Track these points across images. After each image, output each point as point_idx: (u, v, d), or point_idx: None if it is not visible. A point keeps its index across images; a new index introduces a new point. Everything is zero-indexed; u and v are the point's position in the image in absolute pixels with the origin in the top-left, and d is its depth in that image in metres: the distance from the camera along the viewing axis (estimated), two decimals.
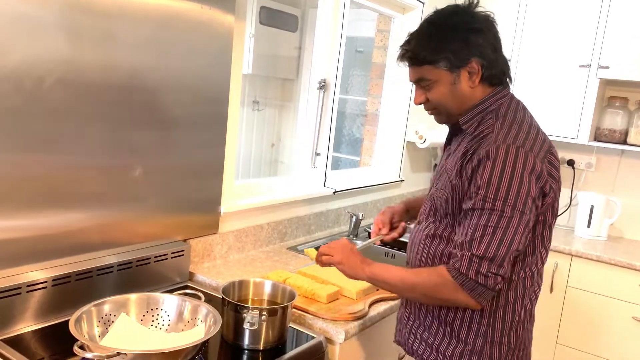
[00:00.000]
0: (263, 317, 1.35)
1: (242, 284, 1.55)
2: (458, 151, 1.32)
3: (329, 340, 1.54)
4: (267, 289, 1.55)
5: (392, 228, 1.63)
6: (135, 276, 1.63)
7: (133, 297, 1.32)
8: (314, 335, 1.51)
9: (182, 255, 1.77)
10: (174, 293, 1.37)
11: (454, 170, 1.30)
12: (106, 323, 1.26)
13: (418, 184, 3.27)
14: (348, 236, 2.48)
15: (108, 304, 1.27)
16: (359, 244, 1.61)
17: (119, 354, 1.05)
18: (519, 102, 1.35)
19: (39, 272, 1.40)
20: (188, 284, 1.79)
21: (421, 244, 1.38)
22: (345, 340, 1.54)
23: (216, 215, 1.92)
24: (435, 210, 1.37)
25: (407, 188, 3.14)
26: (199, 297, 1.36)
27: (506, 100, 1.32)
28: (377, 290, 1.79)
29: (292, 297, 1.48)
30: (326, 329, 1.56)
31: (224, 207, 1.94)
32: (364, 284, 1.74)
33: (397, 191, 3.05)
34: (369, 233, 1.72)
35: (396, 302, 1.78)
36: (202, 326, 1.28)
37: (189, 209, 1.81)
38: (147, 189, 1.65)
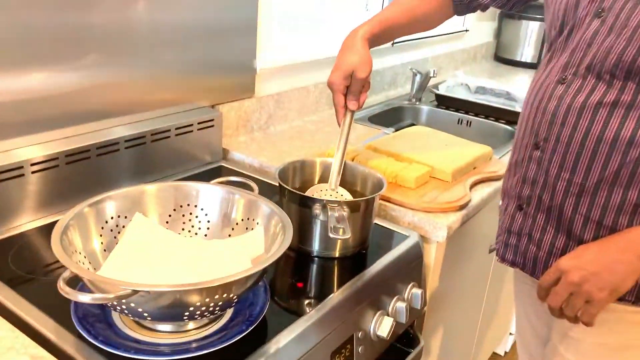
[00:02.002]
0: (344, 214, 0.91)
1: (304, 167, 1.09)
2: None
3: (423, 239, 1.12)
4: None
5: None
6: (151, 156, 1.18)
7: (151, 188, 0.87)
8: (405, 234, 1.08)
9: (212, 126, 1.31)
10: (214, 181, 0.93)
11: None
12: (112, 231, 0.83)
13: (483, 35, 2.70)
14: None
15: (113, 201, 0.83)
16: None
17: (135, 292, 0.62)
18: None
19: (16, 152, 0.96)
20: (223, 164, 1.34)
21: (588, 121, 0.87)
22: (446, 238, 1.12)
23: (251, 73, 1.43)
24: (604, 66, 0.85)
25: (471, 40, 2.58)
26: (249, 188, 0.92)
27: None
28: (475, 167, 1.34)
29: (378, 185, 1.03)
30: (419, 224, 1.13)
31: (261, 63, 1.45)
32: (460, 161, 1.29)
33: (459, 44, 2.51)
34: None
35: (499, 183, 1.33)
36: (260, 231, 0.84)
37: (217, 67, 1.31)
38: (162, 42, 1.15)
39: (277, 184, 0.99)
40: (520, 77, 2.55)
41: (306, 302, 0.88)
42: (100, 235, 0.81)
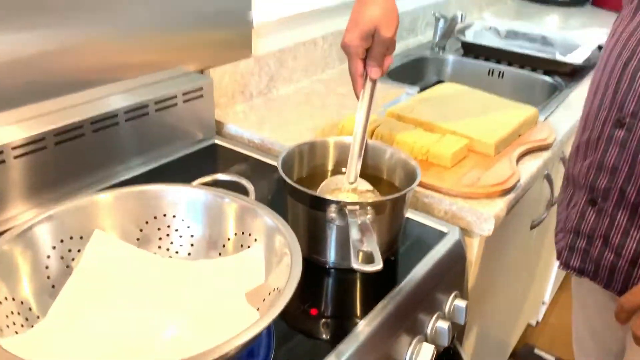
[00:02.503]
0: (367, 220, 0.70)
1: (314, 149, 0.87)
2: None
3: (465, 233, 0.91)
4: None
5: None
6: (124, 139, 0.96)
7: (105, 198, 0.66)
8: (443, 229, 0.87)
9: (201, 96, 1.08)
10: (196, 182, 0.71)
11: None
12: (64, 258, 0.62)
13: None
14: (434, 47, 1.73)
15: (49, 226, 0.61)
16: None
17: None
18: None
19: None
20: (216, 142, 1.12)
21: None
22: (493, 230, 0.91)
23: (247, 28, 1.19)
24: None
25: None
26: (243, 190, 0.70)
27: None
28: (520, 135, 1.11)
29: (409, 173, 0.80)
30: (459, 214, 0.91)
31: (258, 15, 1.20)
32: (503, 128, 1.06)
33: None
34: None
35: (548, 152, 1.11)
36: (259, 251, 0.63)
37: (205, 21, 1.07)
38: None
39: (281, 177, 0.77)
40: (552, 18, 2.27)
41: (323, 335, 0.67)
42: (46, 267, 0.61)
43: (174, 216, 0.68)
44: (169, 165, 1.02)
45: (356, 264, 0.62)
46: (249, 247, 0.65)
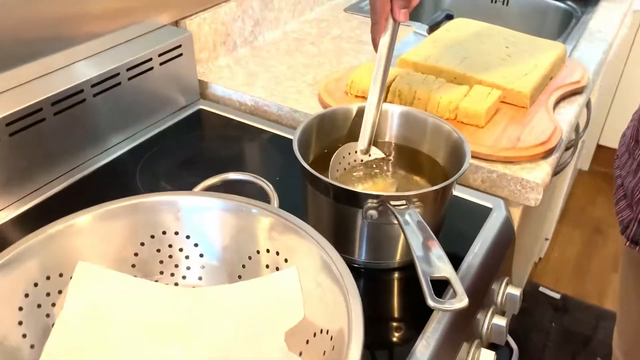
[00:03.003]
0: (419, 212, 0.56)
1: (334, 118, 0.71)
2: None
3: (507, 203, 0.78)
4: (394, 124, 0.72)
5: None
6: (95, 117, 0.79)
7: (86, 218, 0.50)
8: (486, 204, 0.75)
9: (180, 55, 0.90)
10: (200, 186, 0.56)
11: None
12: (41, 306, 0.48)
13: None
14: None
15: (14, 265, 0.46)
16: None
17: None
18: None
19: None
20: (202, 107, 0.95)
21: None
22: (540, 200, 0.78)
23: None
24: None
25: None
26: (261, 193, 0.55)
27: None
28: (552, 77, 0.97)
29: (456, 151, 0.66)
30: (499, 183, 0.78)
31: None
32: (535, 73, 0.91)
33: None
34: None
35: (583, 96, 0.98)
36: (292, 274, 0.49)
37: None
38: None
39: (298, 159, 0.62)
40: None
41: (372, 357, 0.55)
42: (19, 323, 0.46)
43: (177, 233, 0.53)
44: (151, 142, 0.85)
45: (433, 301, 0.47)
46: (277, 269, 0.51)
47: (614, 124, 2.22)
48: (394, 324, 0.59)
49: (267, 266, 0.52)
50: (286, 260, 0.50)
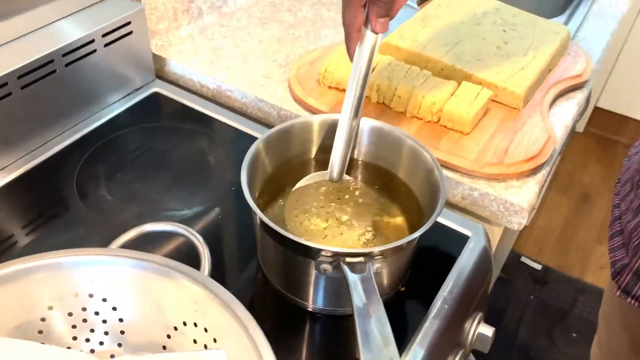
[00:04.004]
0: (378, 267, 0.49)
1: (291, 135, 0.61)
2: None
3: (484, 220, 0.70)
4: (364, 140, 0.62)
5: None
6: (23, 111, 0.69)
7: None
8: (464, 232, 0.67)
9: (130, 32, 0.79)
10: (120, 240, 0.48)
11: None
12: None
13: None
14: None
15: None
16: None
17: None
18: None
19: None
20: (157, 90, 0.85)
21: None
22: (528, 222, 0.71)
23: None
24: None
25: None
26: (191, 244, 0.47)
27: None
28: (551, 69, 0.87)
29: (433, 183, 0.57)
30: (481, 202, 0.70)
31: None
32: (533, 67, 0.81)
33: None
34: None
35: (583, 92, 0.88)
36: (221, 357, 0.42)
37: None
38: None
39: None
40: None
41: None
42: None
43: (91, 295, 0.45)
44: (94, 135, 0.76)
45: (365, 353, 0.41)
46: (205, 346, 0.44)
47: (615, 86, 2.11)
48: None
49: (195, 341, 0.44)
50: (215, 341, 0.43)
